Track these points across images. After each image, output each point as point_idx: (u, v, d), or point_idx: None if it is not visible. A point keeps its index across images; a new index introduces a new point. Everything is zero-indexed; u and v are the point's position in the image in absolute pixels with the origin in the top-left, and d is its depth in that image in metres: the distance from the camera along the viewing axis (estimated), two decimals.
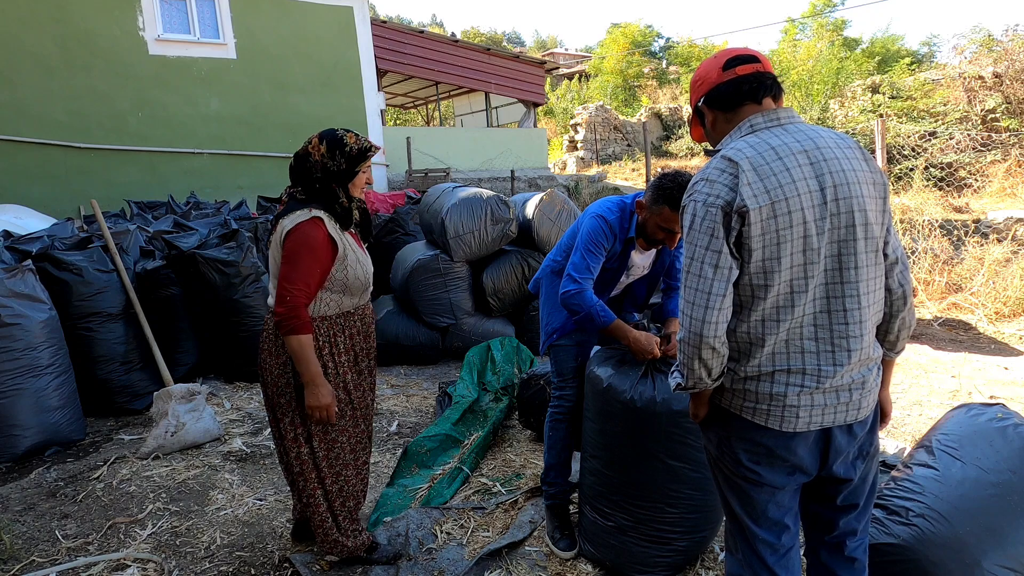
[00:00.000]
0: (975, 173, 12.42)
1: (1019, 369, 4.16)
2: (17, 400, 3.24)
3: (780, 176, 1.33)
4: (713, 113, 1.50)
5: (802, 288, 1.36)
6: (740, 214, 1.32)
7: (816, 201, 1.34)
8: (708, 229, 1.34)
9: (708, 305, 1.34)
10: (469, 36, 40.79)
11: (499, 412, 3.42)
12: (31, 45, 8.21)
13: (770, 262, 1.34)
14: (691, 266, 1.37)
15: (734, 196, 1.33)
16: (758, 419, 1.41)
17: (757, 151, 1.36)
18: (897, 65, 19.53)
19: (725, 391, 1.45)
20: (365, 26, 10.82)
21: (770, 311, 1.37)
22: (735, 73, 1.45)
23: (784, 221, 1.33)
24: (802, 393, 1.38)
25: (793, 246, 1.34)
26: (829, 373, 1.38)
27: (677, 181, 2.12)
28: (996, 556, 1.71)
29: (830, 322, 1.38)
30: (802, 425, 1.39)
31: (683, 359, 1.41)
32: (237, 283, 4.21)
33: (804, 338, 1.39)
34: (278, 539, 2.51)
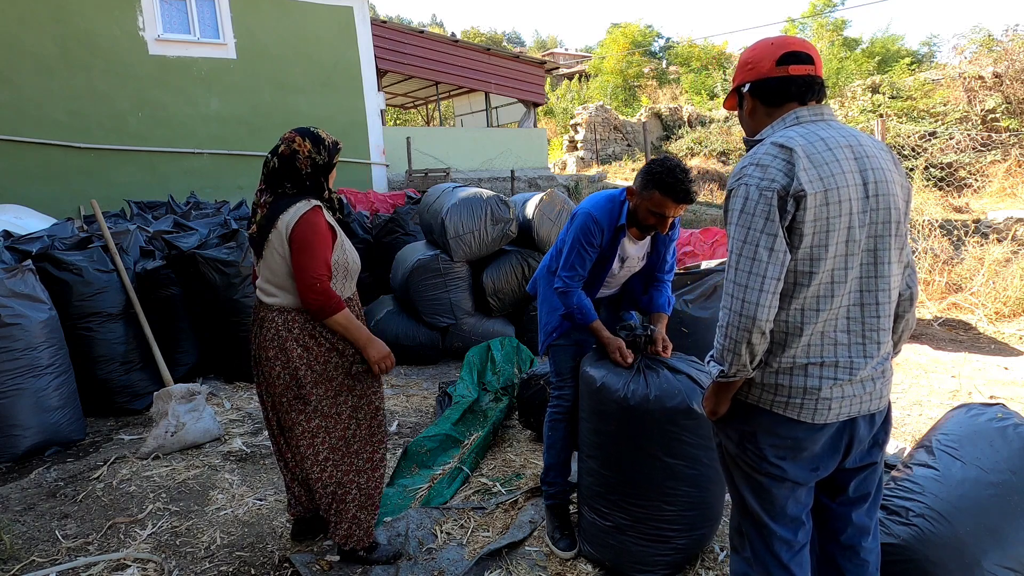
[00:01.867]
0: (975, 173, 12.42)
1: (1019, 369, 4.16)
2: (17, 400, 3.24)
3: (831, 166, 1.35)
4: (754, 103, 1.51)
5: (842, 279, 1.38)
6: (796, 198, 1.33)
7: (859, 194, 1.37)
8: (764, 212, 1.33)
9: (763, 288, 1.32)
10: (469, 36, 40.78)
11: (499, 412, 3.42)
12: (31, 45, 8.21)
13: (818, 249, 1.35)
14: (744, 249, 1.34)
15: (790, 181, 1.33)
16: (790, 413, 1.41)
17: (808, 140, 1.37)
18: (897, 65, 19.54)
19: (753, 386, 1.45)
20: (365, 26, 10.82)
21: (811, 300, 1.38)
22: (787, 71, 1.45)
23: (834, 209, 1.34)
24: (835, 386, 1.39)
25: (839, 235, 1.36)
26: (860, 365, 1.41)
27: (666, 166, 2.14)
28: (996, 556, 1.71)
29: (862, 315, 1.41)
30: (832, 416, 1.41)
31: (729, 345, 1.36)
32: (237, 283, 4.20)
33: (838, 330, 1.40)
34: (278, 539, 2.51)
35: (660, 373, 2.13)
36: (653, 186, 2.15)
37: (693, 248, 5.99)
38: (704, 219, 11.01)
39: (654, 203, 2.17)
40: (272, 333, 2.12)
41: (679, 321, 2.83)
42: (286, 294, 2.11)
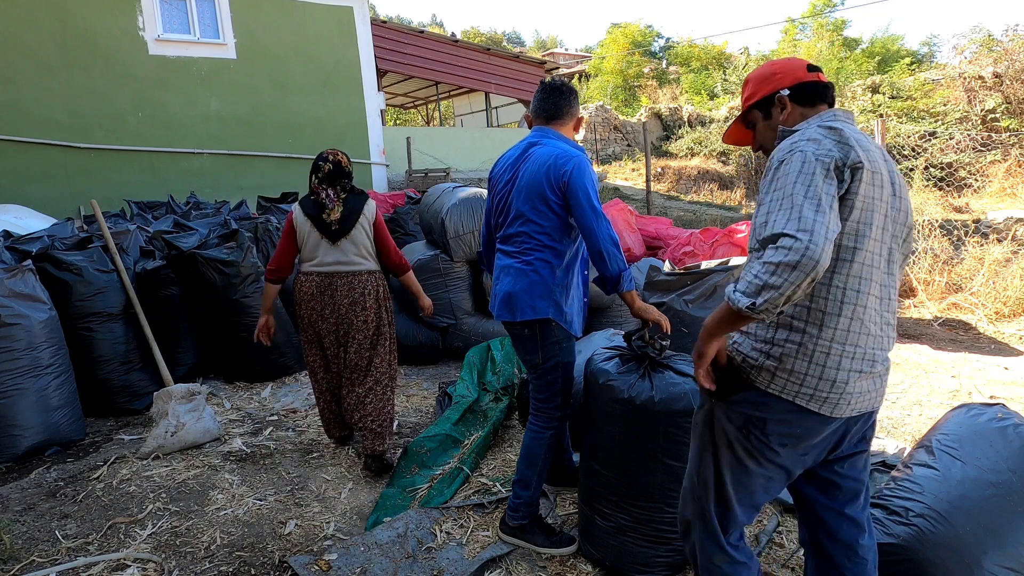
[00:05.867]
0: (975, 173, 12.42)
1: (1019, 369, 4.16)
2: (17, 400, 3.24)
3: (874, 154, 1.42)
4: (793, 106, 1.56)
5: (877, 263, 1.41)
6: (853, 169, 1.36)
7: (889, 190, 1.44)
8: (823, 172, 1.32)
9: (827, 236, 1.23)
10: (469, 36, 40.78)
11: (499, 412, 3.42)
12: (31, 45, 8.21)
13: (864, 226, 1.38)
14: (804, 201, 1.27)
15: (845, 155, 1.36)
16: (812, 405, 1.41)
17: (852, 130, 1.44)
18: (897, 65, 19.55)
19: (778, 375, 1.42)
20: (365, 26, 10.82)
21: (852, 280, 1.39)
22: (818, 77, 1.57)
23: (877, 192, 1.39)
24: (859, 379, 1.41)
25: (879, 217, 1.40)
26: (879, 358, 1.45)
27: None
28: (996, 556, 1.71)
29: (881, 307, 1.45)
30: (848, 411, 1.43)
31: (774, 280, 1.23)
32: (237, 283, 4.20)
33: (869, 320, 1.42)
34: (278, 539, 2.51)
35: (665, 375, 2.12)
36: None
37: (693, 248, 5.99)
38: (704, 219, 11.00)
39: None
40: (369, 287, 2.97)
41: (679, 321, 2.82)
42: (371, 262, 3.01)
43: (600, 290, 2.24)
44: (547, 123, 2.37)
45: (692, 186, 15.53)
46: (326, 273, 2.95)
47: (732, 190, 14.94)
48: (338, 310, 2.95)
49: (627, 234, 6.17)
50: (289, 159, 10.19)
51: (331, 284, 2.94)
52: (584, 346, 3.13)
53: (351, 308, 2.94)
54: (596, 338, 3.31)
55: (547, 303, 2.24)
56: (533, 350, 2.30)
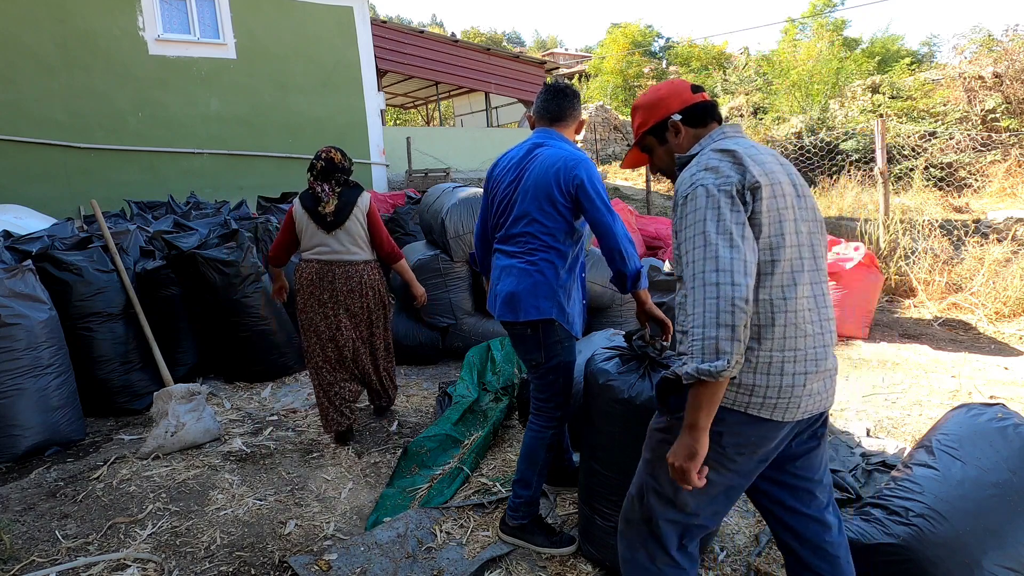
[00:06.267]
0: (975, 173, 12.42)
1: (1019, 369, 4.16)
2: (17, 400, 3.24)
3: (768, 164, 1.47)
4: (685, 128, 1.63)
5: (800, 268, 1.45)
6: (752, 190, 1.40)
7: (792, 192, 1.48)
8: (728, 204, 1.37)
9: (746, 272, 1.33)
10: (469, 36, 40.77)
11: (499, 412, 3.42)
12: (31, 45, 8.21)
13: (776, 238, 1.42)
14: (719, 239, 1.34)
15: (743, 176, 1.41)
16: (764, 413, 1.43)
17: (743, 146, 1.49)
18: (897, 65, 19.54)
19: (727, 389, 1.43)
20: (365, 26, 10.82)
21: (777, 290, 1.42)
22: (703, 97, 1.64)
23: (781, 202, 1.44)
24: (806, 380, 1.43)
25: (790, 226, 1.44)
26: (823, 355, 1.47)
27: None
28: (996, 556, 1.71)
29: (817, 305, 1.48)
30: (800, 414, 1.45)
31: (723, 333, 1.30)
32: (237, 283, 4.20)
33: (806, 321, 1.45)
34: (278, 539, 2.51)
35: None
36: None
37: None
38: None
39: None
40: (365, 277, 3.23)
41: None
42: (367, 252, 3.25)
43: (601, 290, 2.24)
44: (550, 124, 2.38)
45: None
46: (325, 261, 3.20)
47: None
48: (336, 296, 3.22)
49: None
50: (289, 159, 10.20)
51: (330, 272, 3.20)
52: (584, 346, 3.13)
53: (349, 295, 3.22)
54: (596, 338, 3.30)
55: (551, 303, 2.24)
56: (535, 350, 2.30)
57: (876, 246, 6.23)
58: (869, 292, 4.97)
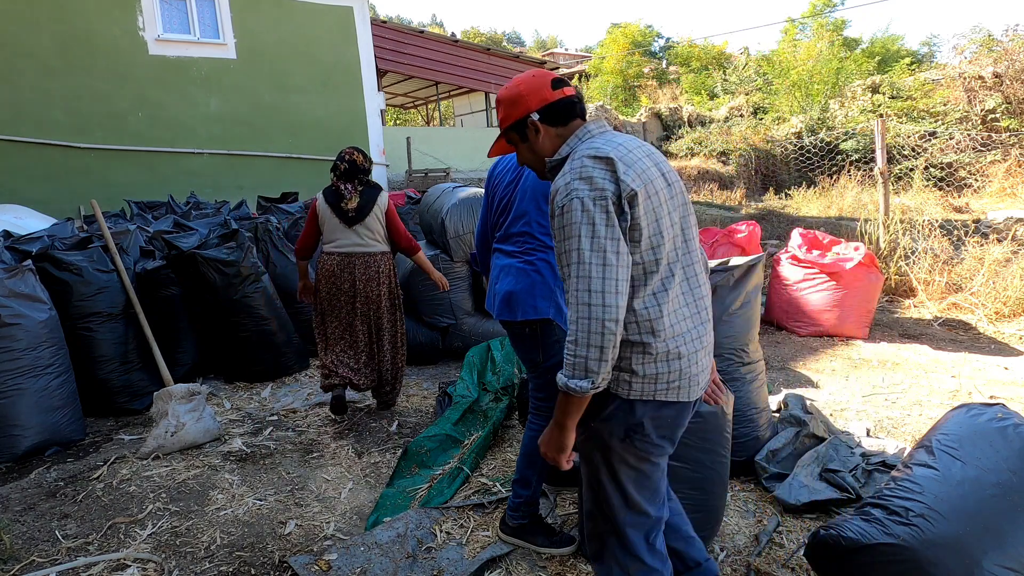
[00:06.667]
0: (975, 173, 12.42)
1: (1019, 369, 4.16)
2: (17, 400, 3.23)
3: (640, 164, 1.48)
4: (545, 128, 1.60)
5: (675, 259, 1.51)
6: (629, 199, 1.42)
7: (663, 184, 1.51)
8: (603, 219, 1.39)
9: (618, 291, 1.38)
10: (469, 36, 40.78)
11: (499, 412, 3.42)
12: (31, 45, 8.21)
13: (656, 237, 1.47)
14: (592, 257, 1.38)
15: (618, 186, 1.42)
16: (671, 396, 1.50)
17: (615, 148, 1.48)
18: (897, 65, 19.55)
19: (635, 382, 1.48)
20: (365, 26, 10.82)
21: (659, 283, 1.48)
22: (563, 93, 1.59)
23: (656, 200, 1.47)
24: (697, 358, 1.52)
25: (665, 221, 1.49)
26: (703, 332, 1.55)
27: None
28: (996, 556, 1.71)
29: (690, 286, 1.55)
30: (698, 392, 1.55)
31: (594, 354, 1.37)
32: (237, 283, 4.20)
33: (683, 304, 1.53)
34: (278, 539, 2.51)
35: None
36: None
37: None
38: (704, 219, 11.01)
39: None
40: (382, 267, 3.53)
41: None
42: (383, 244, 3.54)
43: None
44: None
45: (692, 186, 15.52)
46: (345, 253, 3.47)
47: (732, 190, 14.93)
48: (356, 284, 3.48)
49: None
50: (289, 159, 10.20)
51: (350, 262, 3.48)
52: None
53: (367, 284, 3.49)
54: None
55: (548, 303, 2.24)
56: (534, 349, 2.30)
57: (876, 246, 6.23)
58: (869, 292, 4.97)
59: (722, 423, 2.14)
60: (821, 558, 1.95)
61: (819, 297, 5.01)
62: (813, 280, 5.03)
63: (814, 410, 3.09)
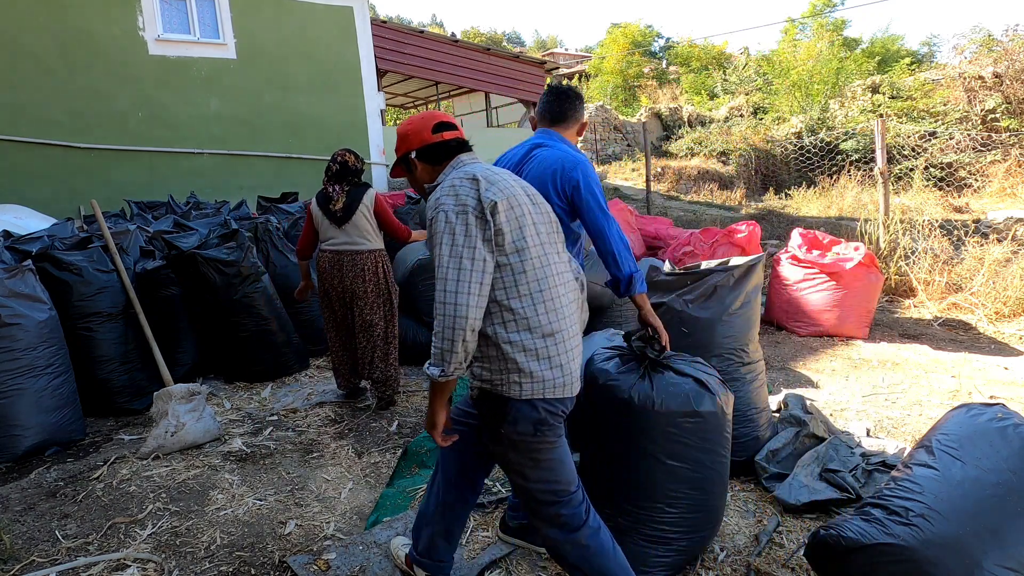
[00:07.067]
0: (975, 173, 12.43)
1: (1019, 369, 4.16)
2: (17, 400, 3.24)
3: (504, 183, 1.71)
4: (422, 165, 1.84)
5: (545, 263, 1.70)
6: (491, 208, 1.63)
7: (526, 201, 1.73)
8: (463, 229, 1.60)
9: (470, 291, 1.57)
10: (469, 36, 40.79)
11: None
12: (31, 45, 8.21)
13: (519, 242, 1.66)
14: (450, 262, 1.59)
15: (479, 197, 1.64)
16: (558, 392, 1.69)
17: (480, 170, 1.72)
18: (897, 65, 19.55)
19: (524, 383, 1.65)
20: (365, 26, 10.82)
21: (532, 284, 1.67)
22: (442, 137, 1.81)
23: (519, 211, 1.68)
24: (573, 355, 1.72)
25: (530, 230, 1.69)
26: (576, 331, 1.77)
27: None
28: (996, 556, 1.71)
29: (566, 292, 1.75)
30: (578, 386, 1.75)
31: (447, 346, 1.58)
32: (237, 283, 4.20)
33: (559, 305, 1.71)
34: (278, 539, 2.51)
35: (665, 375, 2.13)
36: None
37: (693, 248, 5.99)
38: (704, 219, 11.01)
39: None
40: (369, 263, 3.64)
41: (679, 321, 2.82)
42: (374, 242, 3.67)
43: (600, 290, 2.24)
44: (552, 126, 2.39)
45: (692, 186, 15.53)
46: (336, 251, 3.64)
47: (732, 190, 14.93)
48: (344, 281, 3.65)
49: (627, 234, 6.17)
50: (289, 159, 10.20)
51: (339, 260, 3.64)
52: (584, 346, 3.12)
53: (354, 280, 3.63)
54: (596, 338, 3.30)
55: None
56: None
57: (876, 246, 6.23)
58: (869, 292, 4.97)
59: (722, 423, 2.14)
60: (821, 558, 1.95)
61: (819, 297, 5.01)
62: (813, 280, 5.03)
63: (814, 410, 3.09)
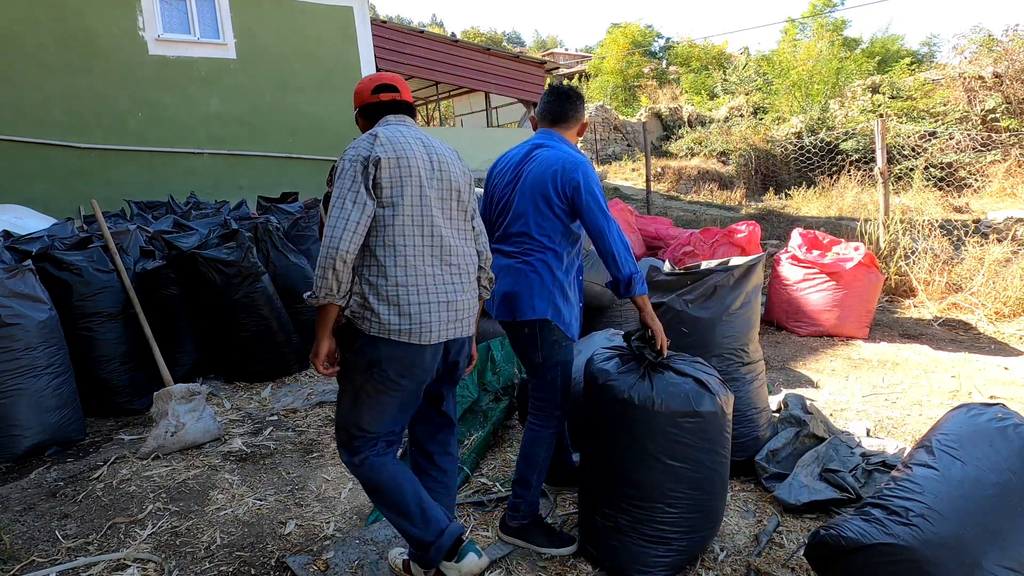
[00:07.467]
0: (975, 173, 12.43)
1: (1019, 369, 4.16)
2: (17, 400, 3.24)
3: (403, 143, 1.89)
4: (363, 121, 2.08)
5: (419, 223, 1.87)
6: (375, 162, 1.82)
7: (426, 165, 1.92)
8: (351, 175, 1.82)
9: (346, 228, 1.77)
10: (469, 36, 40.80)
11: (499, 412, 3.42)
12: (31, 45, 8.20)
13: (396, 198, 1.84)
14: (336, 201, 1.80)
15: (370, 152, 1.83)
16: (403, 338, 1.83)
17: (388, 131, 1.92)
18: (897, 65, 19.55)
19: (373, 321, 1.82)
20: (365, 26, 10.81)
21: (398, 236, 1.84)
22: (379, 99, 2.03)
23: (405, 170, 1.86)
24: (430, 310, 1.86)
25: (411, 190, 1.86)
26: (449, 291, 1.90)
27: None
28: (996, 556, 1.71)
29: (442, 256, 1.92)
30: (434, 338, 1.88)
31: (320, 272, 1.77)
32: (237, 283, 4.20)
33: (426, 264, 1.88)
34: (278, 539, 2.51)
35: (665, 375, 2.12)
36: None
37: (693, 248, 5.99)
38: (704, 219, 11.01)
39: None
40: None
41: (679, 321, 2.82)
42: None
43: (600, 290, 2.24)
44: (552, 126, 2.39)
45: (692, 186, 15.53)
46: None
47: (732, 190, 14.93)
48: None
49: (627, 234, 6.17)
50: (289, 159, 10.19)
51: None
52: (584, 346, 3.13)
53: None
54: (596, 338, 3.30)
55: (546, 304, 2.24)
56: (532, 349, 2.30)
57: (876, 246, 6.23)
58: (869, 292, 4.97)
59: (722, 423, 2.14)
60: (821, 558, 1.95)
61: (819, 297, 5.01)
62: (813, 280, 5.04)
63: (814, 410, 3.09)
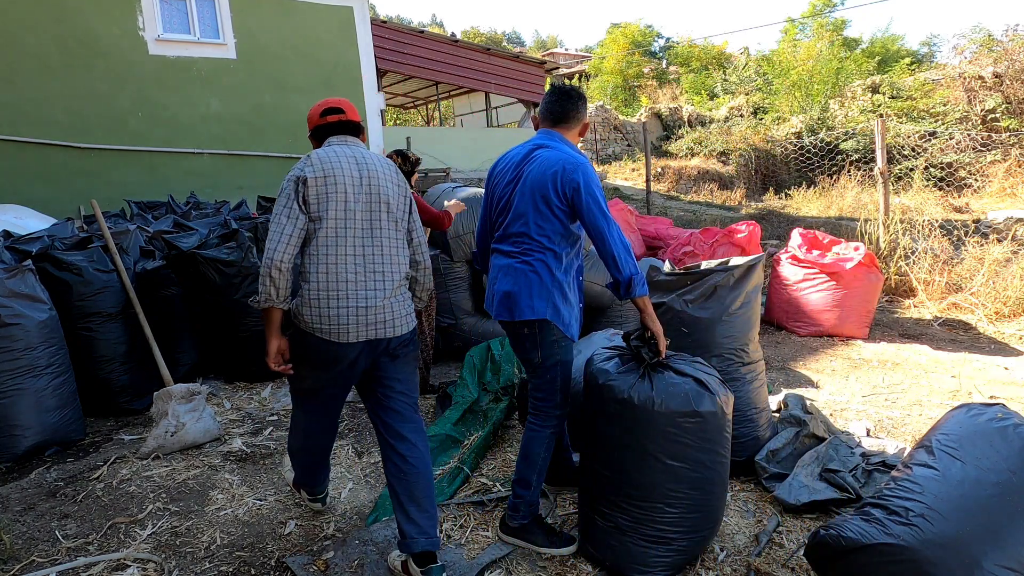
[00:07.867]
0: (975, 173, 12.43)
1: (1019, 369, 4.16)
2: (17, 400, 3.23)
3: (333, 163, 2.11)
4: (314, 142, 2.31)
5: (343, 234, 2.09)
6: (303, 181, 2.06)
7: (355, 181, 2.12)
8: (287, 193, 2.06)
9: (279, 239, 2.02)
10: (469, 36, 40.80)
11: (499, 412, 3.42)
12: (31, 45, 8.20)
13: (321, 212, 2.07)
14: (274, 217, 2.05)
15: (301, 172, 2.08)
16: (324, 335, 2.06)
17: (324, 152, 2.16)
18: (897, 65, 19.55)
19: (303, 318, 2.07)
20: (365, 26, 10.81)
21: (322, 247, 2.07)
22: (326, 120, 2.26)
23: (332, 187, 2.08)
24: (348, 314, 2.06)
25: (336, 204, 2.08)
26: (370, 297, 2.09)
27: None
28: (996, 556, 1.71)
29: (365, 264, 2.11)
30: (353, 338, 2.07)
31: (262, 280, 2.02)
32: (237, 283, 4.20)
33: (348, 271, 2.08)
34: (278, 539, 2.51)
35: (665, 375, 2.13)
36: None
37: (693, 248, 6.00)
38: (704, 219, 11.01)
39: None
40: None
41: (679, 321, 2.82)
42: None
43: (600, 290, 2.25)
44: (553, 126, 2.38)
45: (692, 186, 15.53)
46: None
47: (732, 190, 14.94)
48: None
49: (627, 234, 6.17)
50: (289, 159, 10.18)
51: None
52: (584, 346, 3.13)
53: None
54: (596, 338, 3.30)
55: (545, 304, 2.24)
56: (532, 349, 2.30)
57: (876, 246, 6.24)
58: (869, 292, 4.97)
59: (722, 423, 2.14)
60: (821, 558, 1.95)
61: (819, 297, 5.01)
62: (813, 280, 5.04)
63: (814, 410, 3.09)
